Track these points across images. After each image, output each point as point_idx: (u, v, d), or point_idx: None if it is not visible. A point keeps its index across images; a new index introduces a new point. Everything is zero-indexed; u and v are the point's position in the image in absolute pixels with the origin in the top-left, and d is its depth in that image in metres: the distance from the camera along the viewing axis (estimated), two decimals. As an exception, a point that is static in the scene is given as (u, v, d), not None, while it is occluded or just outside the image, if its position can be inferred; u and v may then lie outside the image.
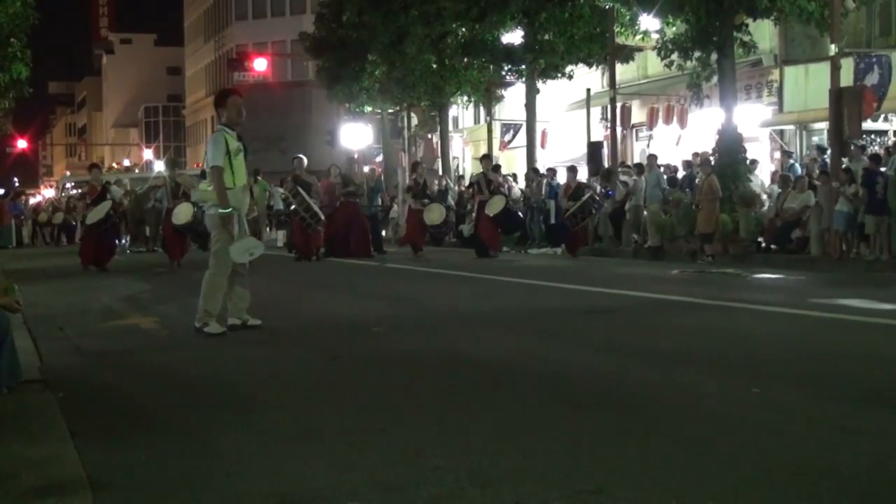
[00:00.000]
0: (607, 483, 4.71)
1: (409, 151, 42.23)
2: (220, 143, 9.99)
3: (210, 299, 9.98)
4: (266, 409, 6.64)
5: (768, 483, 4.71)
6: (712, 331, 10.15)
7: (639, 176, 24.99)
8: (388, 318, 11.47)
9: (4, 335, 6.83)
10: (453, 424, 6.01)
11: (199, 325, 9.94)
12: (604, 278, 16.62)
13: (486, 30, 31.81)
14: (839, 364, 8.04)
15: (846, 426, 5.82)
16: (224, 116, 10.18)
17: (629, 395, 6.80)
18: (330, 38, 40.33)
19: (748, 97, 28.92)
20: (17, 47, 27.84)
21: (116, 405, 6.91)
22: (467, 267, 19.99)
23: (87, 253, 20.86)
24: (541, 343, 9.59)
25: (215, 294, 9.99)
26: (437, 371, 8.02)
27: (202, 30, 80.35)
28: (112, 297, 14.42)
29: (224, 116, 10.18)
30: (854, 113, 19.60)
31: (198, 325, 9.95)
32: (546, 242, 26.82)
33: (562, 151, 36.30)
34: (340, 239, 23.82)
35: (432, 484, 4.75)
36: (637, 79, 33.96)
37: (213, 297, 9.99)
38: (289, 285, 17.40)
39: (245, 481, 4.88)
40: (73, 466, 5.03)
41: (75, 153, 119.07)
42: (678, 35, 24.16)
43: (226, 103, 10.19)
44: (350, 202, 24.01)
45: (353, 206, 24.07)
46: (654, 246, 23.23)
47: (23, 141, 73.88)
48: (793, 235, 20.65)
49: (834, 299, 12.79)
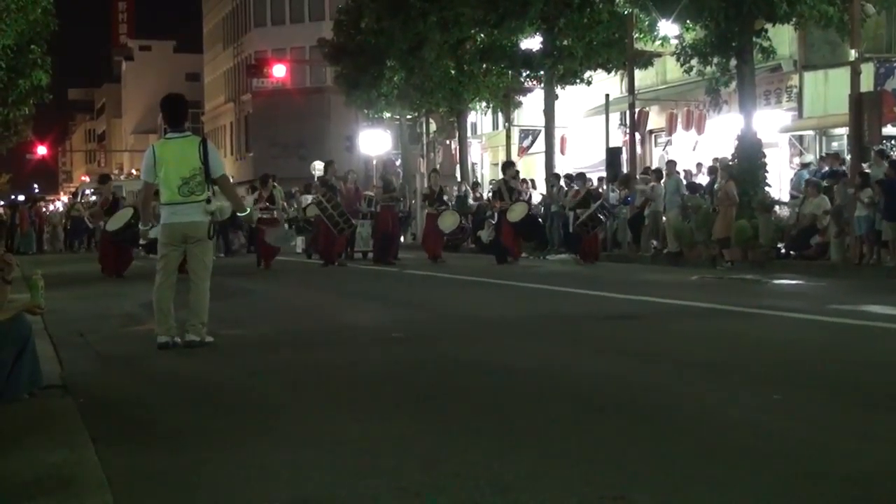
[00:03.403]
0: (628, 490, 4.69)
1: (427, 157, 42.24)
2: (217, 150, 10.00)
3: (205, 309, 9.73)
4: (286, 415, 6.64)
5: (791, 490, 4.68)
6: (733, 337, 10.11)
7: (657, 182, 24.95)
8: (408, 325, 11.47)
9: (26, 342, 6.85)
10: (473, 430, 5.99)
11: (199, 338, 9.67)
12: (623, 284, 16.59)
13: (505, 35, 31.80)
14: (861, 371, 8.00)
15: (868, 433, 5.79)
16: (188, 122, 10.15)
17: (650, 402, 6.78)
18: (348, 45, 40.39)
19: (767, 103, 28.84)
20: (37, 54, 27.99)
21: (137, 410, 6.93)
22: (487, 273, 19.99)
23: (108, 261, 20.84)
24: (561, 349, 9.57)
25: (207, 303, 9.75)
26: (457, 377, 8.01)
27: (221, 36, 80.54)
28: (132, 303, 14.46)
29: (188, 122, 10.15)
30: (874, 118, 19.53)
31: (197, 338, 9.65)
32: (564, 248, 26.80)
33: (580, 157, 36.27)
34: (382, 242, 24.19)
35: (452, 490, 4.74)
36: (656, 84, 33.89)
37: (206, 307, 9.75)
38: (308, 291, 17.44)
39: (266, 487, 4.88)
40: (94, 471, 5.03)
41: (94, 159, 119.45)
42: (697, 40, 24.09)
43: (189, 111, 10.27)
44: (390, 206, 24.40)
45: (392, 212, 24.49)
46: (673, 252, 23.18)
47: (43, 147, 74.21)
48: (812, 241, 20.57)
49: (855, 305, 12.73)
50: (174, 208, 9.68)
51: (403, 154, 43.08)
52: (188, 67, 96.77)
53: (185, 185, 9.56)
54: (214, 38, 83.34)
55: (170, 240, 9.76)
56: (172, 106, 9.98)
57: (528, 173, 35.85)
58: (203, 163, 9.59)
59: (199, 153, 9.60)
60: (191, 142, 9.74)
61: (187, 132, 9.94)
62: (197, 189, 9.59)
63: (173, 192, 9.64)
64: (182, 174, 9.59)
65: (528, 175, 35.03)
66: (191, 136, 9.91)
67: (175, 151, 9.69)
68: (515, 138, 38.05)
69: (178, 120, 9.99)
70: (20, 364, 6.77)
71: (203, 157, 9.59)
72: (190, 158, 9.60)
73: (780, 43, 26.62)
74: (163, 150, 9.78)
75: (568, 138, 37.57)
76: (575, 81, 32.68)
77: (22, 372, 6.78)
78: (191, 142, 9.74)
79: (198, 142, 9.75)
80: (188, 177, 9.58)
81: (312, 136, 59.87)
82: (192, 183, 9.55)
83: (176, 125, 9.96)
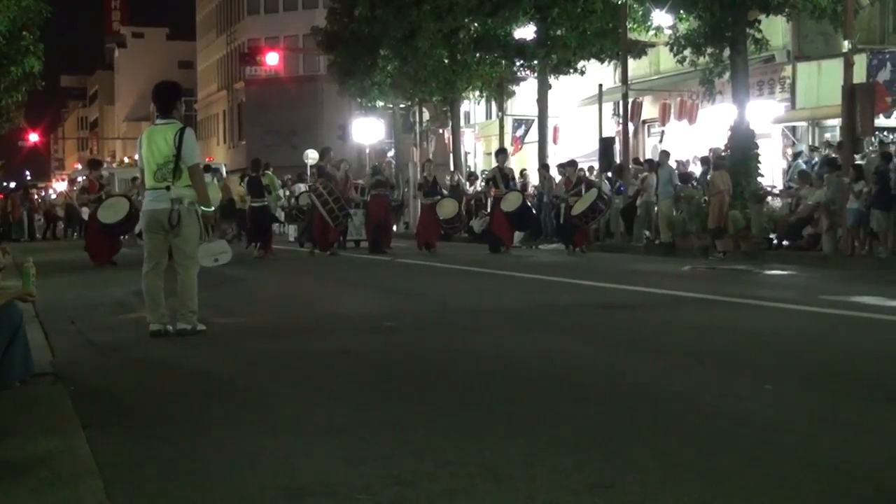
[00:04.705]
0: (619, 479, 4.70)
1: (420, 146, 42.22)
2: (195, 141, 9.84)
3: (193, 298, 9.67)
4: (278, 403, 6.64)
5: (781, 480, 4.69)
6: (724, 327, 10.12)
7: (650, 172, 24.96)
8: (400, 314, 11.48)
9: (17, 329, 6.84)
10: (466, 419, 6.00)
11: (190, 326, 9.63)
12: (616, 274, 16.60)
13: (499, 25, 31.76)
14: (852, 361, 8.02)
15: (859, 423, 5.81)
16: (176, 111, 9.90)
17: (642, 392, 6.79)
18: (342, 33, 40.31)
19: (761, 93, 28.83)
20: (29, 41, 27.95)
21: (128, 398, 6.93)
22: (480, 262, 20.00)
23: (98, 250, 20.74)
24: (553, 338, 9.58)
25: (195, 291, 9.70)
26: (450, 366, 8.02)
27: (214, 24, 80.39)
28: (124, 290, 14.43)
29: (176, 111, 9.90)
30: (867, 109, 19.53)
31: (188, 326, 9.62)
32: (557, 238, 26.80)
33: (574, 147, 36.24)
34: (376, 232, 24.18)
35: (445, 478, 4.74)
36: (649, 75, 33.85)
37: (195, 295, 9.69)
38: (301, 280, 17.44)
39: (257, 475, 4.88)
40: (85, 459, 5.04)
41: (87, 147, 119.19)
42: (691, 31, 24.07)
43: (181, 98, 10.08)
44: (382, 195, 24.38)
45: (385, 200, 24.48)
46: (665, 242, 23.20)
47: (34, 134, 73.98)
48: (804, 232, 20.59)
49: (846, 296, 12.76)
50: (151, 194, 9.73)
51: (396, 143, 43.06)
52: (181, 55, 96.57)
53: (160, 171, 9.57)
54: (208, 25, 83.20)
55: (148, 226, 9.81)
56: (160, 94, 9.98)
57: (521, 163, 35.86)
58: (177, 150, 9.54)
59: (175, 140, 9.54)
60: (171, 128, 9.66)
61: (173, 119, 9.85)
62: (168, 176, 9.56)
63: (151, 178, 9.70)
64: (158, 160, 9.60)
65: (522, 165, 35.05)
66: (174, 123, 9.79)
67: (156, 138, 9.68)
68: (509, 128, 38.01)
69: (165, 107, 9.92)
70: (11, 352, 6.76)
71: (177, 144, 9.53)
72: (166, 145, 9.57)
73: (774, 34, 26.62)
74: (148, 137, 9.78)
75: (561, 128, 37.54)
76: (568, 71, 32.68)
77: (13, 360, 6.77)
78: (171, 128, 9.66)
79: (177, 129, 9.64)
80: (162, 163, 9.58)
81: (305, 125, 59.81)
82: (165, 170, 9.54)
83: (164, 113, 9.92)
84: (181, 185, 9.58)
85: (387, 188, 24.77)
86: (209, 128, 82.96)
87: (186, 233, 9.68)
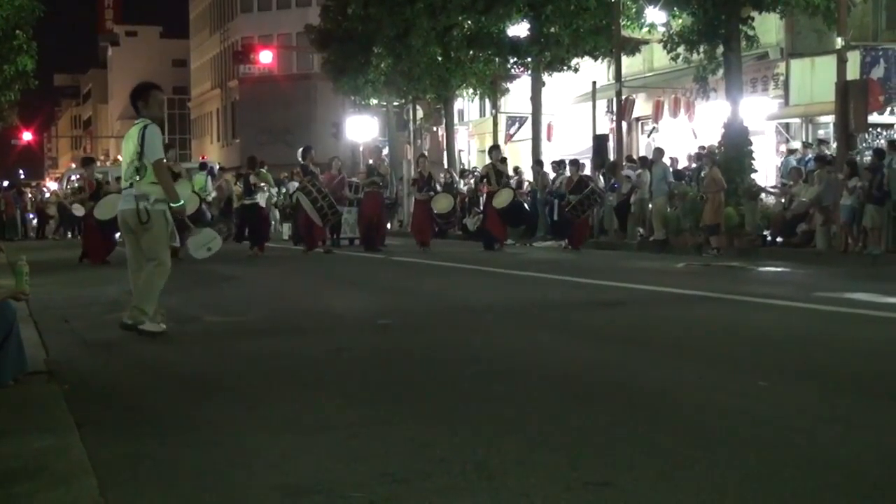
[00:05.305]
0: (614, 476, 4.70)
1: (414, 144, 42.21)
2: (160, 137, 9.64)
3: (148, 298, 9.47)
4: (273, 401, 6.63)
5: (775, 476, 4.70)
6: (718, 324, 10.13)
7: (644, 169, 24.97)
8: (394, 311, 11.46)
9: (11, 328, 6.83)
10: (460, 417, 6.00)
11: (131, 322, 9.45)
12: (610, 271, 16.61)
13: (492, 22, 31.79)
14: (846, 358, 8.03)
15: (853, 419, 5.81)
16: (145, 110, 9.73)
17: (636, 388, 6.79)
18: (335, 31, 40.31)
19: (754, 90, 28.86)
20: (22, 39, 27.88)
21: (122, 397, 6.91)
22: (474, 260, 20.00)
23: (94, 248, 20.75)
24: (547, 336, 9.57)
25: (154, 293, 9.52)
26: (443, 364, 8.01)
27: (207, 22, 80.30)
28: (117, 289, 14.38)
29: (145, 110, 9.73)
30: (860, 106, 19.57)
31: (129, 321, 9.45)
32: (551, 235, 26.82)
33: (567, 144, 36.26)
34: (369, 230, 24.13)
35: (439, 476, 4.74)
36: (643, 72, 33.89)
37: (151, 296, 9.50)
38: (295, 278, 17.43)
39: (252, 473, 4.87)
40: (78, 458, 5.02)
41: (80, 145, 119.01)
42: (684, 28, 24.11)
43: (148, 97, 9.77)
44: (375, 192, 24.31)
45: (377, 197, 24.41)
46: (659, 239, 23.22)
47: (28, 133, 73.92)
48: (798, 229, 20.62)
49: (840, 293, 12.77)
50: (123, 195, 9.82)
51: (390, 141, 43.03)
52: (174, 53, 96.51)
53: (127, 171, 9.57)
54: (201, 23, 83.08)
55: (121, 227, 9.86)
56: (132, 94, 9.96)
57: (515, 160, 35.87)
58: (140, 148, 9.44)
59: (138, 139, 9.45)
60: (136, 127, 9.58)
61: (142, 118, 9.70)
62: (133, 175, 9.49)
63: (123, 179, 9.82)
64: (126, 160, 9.64)
65: (515, 162, 35.05)
66: (140, 121, 9.65)
67: (126, 139, 9.71)
68: (502, 125, 38.05)
69: (135, 108, 9.90)
70: (5, 350, 6.76)
71: (140, 142, 9.44)
72: (132, 144, 9.52)
73: (767, 30, 26.66)
74: (125, 138, 9.83)
75: (555, 125, 37.57)
76: (562, 68, 32.70)
77: (7, 358, 6.77)
78: (136, 127, 9.58)
79: (140, 127, 9.52)
80: (129, 162, 9.56)
81: (299, 123, 59.78)
82: (130, 169, 9.50)
83: (136, 113, 9.89)
84: (146, 183, 9.46)
85: (380, 185, 24.64)
86: (202, 126, 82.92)
87: (152, 234, 9.54)
